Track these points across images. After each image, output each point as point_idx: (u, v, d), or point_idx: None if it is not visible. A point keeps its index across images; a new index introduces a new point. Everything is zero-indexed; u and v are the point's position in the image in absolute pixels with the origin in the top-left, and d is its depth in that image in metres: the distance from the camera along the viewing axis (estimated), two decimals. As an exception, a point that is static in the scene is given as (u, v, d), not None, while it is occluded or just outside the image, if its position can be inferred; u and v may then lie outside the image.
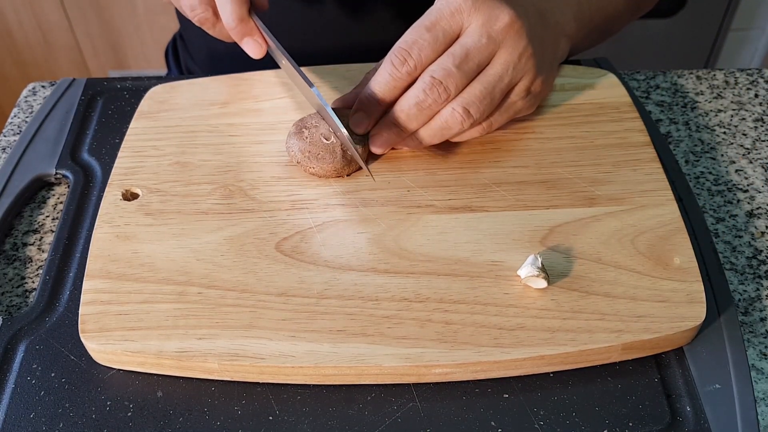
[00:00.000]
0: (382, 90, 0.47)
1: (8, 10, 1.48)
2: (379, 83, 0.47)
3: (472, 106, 0.47)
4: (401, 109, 0.47)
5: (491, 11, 0.47)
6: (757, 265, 0.49)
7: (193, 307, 0.43)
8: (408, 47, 0.46)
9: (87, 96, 0.61)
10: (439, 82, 0.46)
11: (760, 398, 0.42)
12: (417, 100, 0.46)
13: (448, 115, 0.47)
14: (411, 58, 0.46)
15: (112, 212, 0.49)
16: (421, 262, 0.45)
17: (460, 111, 0.47)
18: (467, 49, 0.46)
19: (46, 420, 0.41)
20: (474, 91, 0.47)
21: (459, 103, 0.47)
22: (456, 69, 0.46)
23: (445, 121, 0.47)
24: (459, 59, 0.46)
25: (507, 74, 0.47)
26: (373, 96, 0.48)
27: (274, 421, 0.40)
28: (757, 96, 0.62)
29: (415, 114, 0.47)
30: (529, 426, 0.40)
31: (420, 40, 0.46)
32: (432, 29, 0.46)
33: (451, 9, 0.46)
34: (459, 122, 0.47)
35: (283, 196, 0.49)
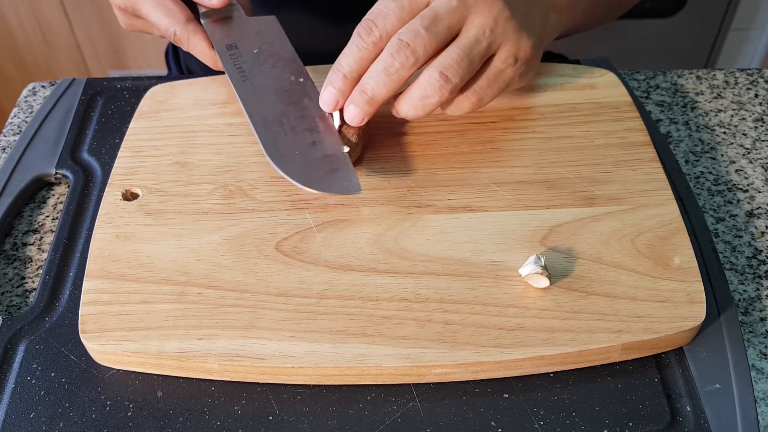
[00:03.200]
0: (349, 62, 0.46)
1: (8, 10, 1.48)
2: (346, 55, 0.46)
3: (449, 70, 0.45)
4: (370, 75, 0.46)
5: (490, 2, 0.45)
6: (757, 265, 0.49)
7: (193, 308, 0.43)
8: (373, 17, 0.45)
9: (87, 96, 0.61)
10: (407, 44, 0.44)
11: (760, 398, 0.42)
12: (385, 65, 0.45)
13: (425, 82, 0.45)
14: (376, 27, 0.45)
15: (112, 212, 0.49)
16: (421, 262, 0.45)
17: (437, 76, 0.45)
18: (436, 12, 0.45)
19: (46, 420, 0.41)
20: (450, 54, 0.45)
21: (435, 68, 0.45)
22: (424, 30, 0.44)
23: (423, 88, 0.45)
24: (428, 21, 0.44)
25: (484, 37, 0.46)
26: (341, 69, 0.46)
27: (274, 421, 0.40)
28: (757, 96, 0.62)
29: (384, 80, 0.45)
30: (529, 426, 0.40)
31: (385, 9, 0.45)
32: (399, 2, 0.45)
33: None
34: (438, 88, 0.45)
35: (283, 196, 0.49)
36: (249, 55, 0.52)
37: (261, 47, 0.52)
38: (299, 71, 0.51)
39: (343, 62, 0.46)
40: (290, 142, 0.47)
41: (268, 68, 0.51)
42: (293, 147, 0.47)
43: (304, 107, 0.49)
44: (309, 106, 0.49)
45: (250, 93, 0.49)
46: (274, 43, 0.53)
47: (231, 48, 0.52)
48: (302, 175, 0.45)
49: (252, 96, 0.49)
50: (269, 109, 0.49)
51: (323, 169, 0.46)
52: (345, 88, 0.47)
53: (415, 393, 0.41)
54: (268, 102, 0.49)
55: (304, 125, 0.48)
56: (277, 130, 0.47)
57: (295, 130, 0.48)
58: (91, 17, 1.51)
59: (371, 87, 0.46)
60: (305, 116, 0.48)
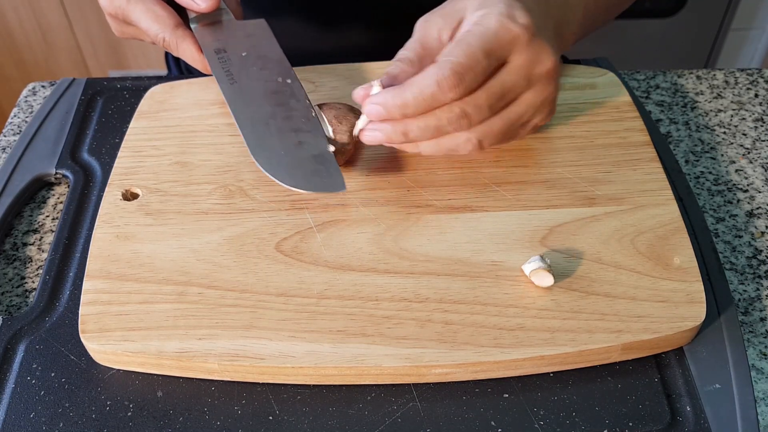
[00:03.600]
0: (417, 105, 0.43)
1: (8, 10, 1.48)
2: (416, 97, 0.43)
3: (487, 139, 0.46)
4: (418, 125, 0.44)
5: (539, 52, 0.45)
6: (757, 265, 0.49)
7: (193, 308, 0.43)
8: (464, 71, 0.42)
9: (87, 96, 0.61)
10: (468, 116, 0.44)
11: (760, 398, 0.42)
12: (438, 124, 0.44)
13: (461, 142, 0.46)
14: (463, 84, 0.42)
15: (112, 212, 0.49)
16: (420, 262, 0.45)
17: (475, 142, 0.46)
18: (504, 90, 0.44)
19: (46, 420, 0.41)
20: (493, 126, 0.46)
21: (476, 135, 0.45)
22: (488, 108, 0.44)
23: (456, 144, 0.46)
24: (494, 99, 0.44)
25: (526, 114, 0.47)
26: (405, 105, 0.43)
27: (274, 421, 0.40)
28: (757, 96, 0.62)
29: (429, 135, 0.45)
30: (529, 426, 0.40)
31: (476, 66, 0.43)
32: (489, 56, 0.43)
33: (509, 38, 0.44)
34: (468, 150, 0.46)
35: (283, 196, 0.49)
36: (237, 59, 0.52)
37: (249, 50, 0.52)
38: (287, 73, 0.51)
39: (410, 100, 0.43)
40: (276, 143, 0.47)
41: (256, 71, 0.51)
42: (279, 147, 0.47)
43: (291, 108, 0.49)
44: (296, 107, 0.49)
45: (237, 96, 0.50)
46: (262, 45, 0.53)
47: (220, 52, 0.52)
48: (287, 175, 0.45)
49: (239, 98, 0.49)
50: (256, 111, 0.49)
51: (308, 169, 0.46)
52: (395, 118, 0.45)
53: (415, 393, 0.41)
54: (255, 104, 0.49)
55: (291, 126, 0.48)
56: (263, 131, 0.48)
57: (281, 131, 0.48)
58: (91, 17, 1.51)
59: (414, 135, 0.45)
60: (292, 117, 0.48)
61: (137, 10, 0.51)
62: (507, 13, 0.44)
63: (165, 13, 0.51)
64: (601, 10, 0.59)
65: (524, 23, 0.44)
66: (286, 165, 0.46)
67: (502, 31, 0.43)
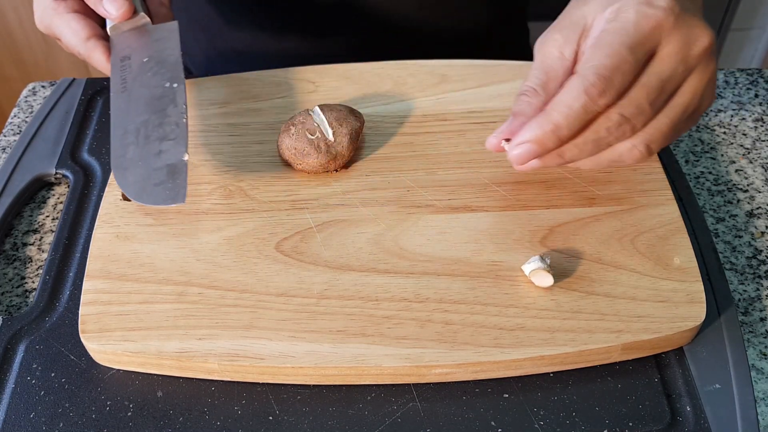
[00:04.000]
0: (570, 124, 0.39)
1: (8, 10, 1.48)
2: (567, 116, 0.39)
3: (656, 142, 0.41)
4: (576, 144, 0.41)
5: (690, 31, 0.40)
6: (757, 265, 0.49)
7: (193, 308, 0.43)
8: (610, 73, 0.38)
9: (87, 96, 0.61)
10: (628, 120, 0.39)
11: (760, 398, 0.42)
12: (596, 136, 0.40)
13: (625, 151, 0.41)
14: (613, 87, 0.38)
15: (112, 212, 0.49)
16: (420, 262, 0.45)
17: (642, 149, 0.41)
18: (663, 81, 0.40)
19: (46, 420, 0.41)
20: (660, 126, 0.41)
21: (642, 140, 0.41)
22: (649, 106, 0.40)
23: (619, 155, 0.42)
24: (654, 94, 0.39)
25: (693, 102, 0.41)
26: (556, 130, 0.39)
27: (274, 421, 0.40)
28: (757, 96, 0.62)
29: (590, 150, 0.41)
30: (529, 426, 0.40)
31: (623, 64, 0.39)
32: (635, 50, 0.39)
33: (652, 25, 0.39)
34: (636, 159, 0.41)
35: (283, 196, 0.49)
36: (137, 65, 0.51)
37: (152, 55, 0.51)
38: (176, 77, 0.49)
39: (561, 120, 0.39)
40: (138, 153, 0.46)
41: (149, 77, 0.50)
42: (139, 158, 0.45)
43: (167, 115, 0.47)
44: (171, 113, 0.47)
45: (122, 104, 0.49)
46: (165, 50, 0.52)
47: (125, 59, 0.51)
48: (135, 188, 0.44)
49: (123, 107, 0.48)
50: (133, 120, 0.47)
51: (155, 180, 0.44)
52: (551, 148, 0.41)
53: (415, 393, 0.41)
54: (135, 112, 0.48)
55: (159, 134, 0.46)
56: (131, 141, 0.46)
57: (148, 140, 0.46)
58: (91, 17, 1.51)
59: (573, 155, 0.41)
60: (164, 124, 0.47)
61: (59, 25, 0.52)
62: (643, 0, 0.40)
63: (79, 25, 0.51)
64: None
65: (665, 5, 0.39)
66: (138, 177, 0.45)
67: (643, 21, 0.39)
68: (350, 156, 0.50)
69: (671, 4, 0.40)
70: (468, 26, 0.73)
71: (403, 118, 0.54)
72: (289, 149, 0.50)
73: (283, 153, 0.50)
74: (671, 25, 0.40)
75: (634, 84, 0.40)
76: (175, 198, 0.43)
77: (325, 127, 0.50)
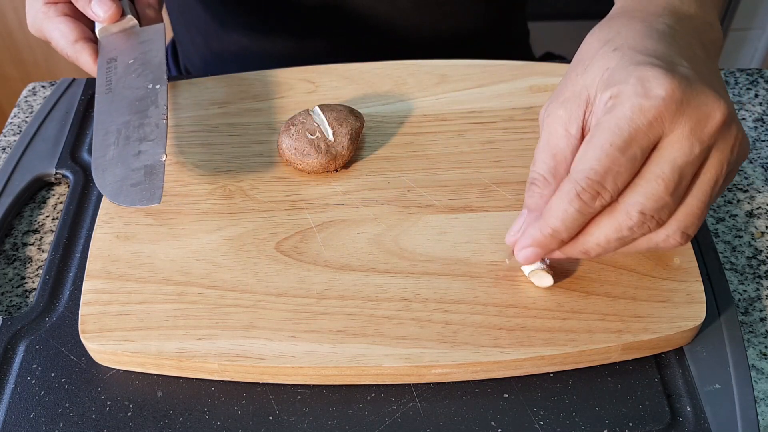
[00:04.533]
0: (567, 226, 0.38)
1: (8, 10, 1.48)
2: (564, 220, 0.38)
3: (690, 228, 0.38)
4: (597, 243, 0.38)
5: (700, 111, 0.36)
6: (757, 265, 0.49)
7: (193, 308, 0.43)
8: (601, 178, 0.36)
9: (87, 96, 0.61)
10: (651, 216, 0.37)
11: (760, 398, 0.42)
12: (620, 236, 0.38)
13: (660, 241, 0.38)
14: (606, 190, 0.36)
15: (112, 212, 0.49)
16: (420, 262, 0.45)
17: (678, 238, 0.38)
18: (679, 168, 0.36)
19: (46, 420, 0.41)
20: (691, 210, 0.37)
21: (675, 229, 0.38)
22: (669, 197, 0.36)
23: (654, 244, 0.39)
24: (673, 184, 0.36)
25: (722, 175, 0.37)
26: (555, 233, 0.38)
27: (274, 421, 0.40)
28: (757, 96, 0.62)
29: (614, 246, 0.38)
30: (529, 426, 0.40)
31: (615, 167, 0.36)
32: (627, 150, 0.36)
33: (649, 119, 0.36)
34: (674, 246, 0.39)
35: (283, 196, 0.49)
36: (123, 67, 0.51)
37: (137, 57, 0.52)
38: (159, 78, 0.50)
39: (558, 225, 0.38)
40: (118, 154, 0.46)
41: (133, 78, 0.50)
42: (118, 158, 0.45)
43: (148, 116, 0.47)
44: (152, 114, 0.47)
45: (105, 105, 0.49)
46: (150, 51, 0.52)
47: (111, 61, 0.52)
48: (112, 189, 0.44)
49: (106, 108, 0.49)
50: (115, 120, 0.48)
51: (132, 180, 0.44)
52: (555, 248, 0.39)
53: (415, 393, 0.41)
54: (117, 113, 0.48)
55: (139, 135, 0.46)
56: (112, 141, 0.46)
57: (128, 140, 0.46)
58: (91, 17, 1.51)
59: (596, 251, 0.39)
60: (144, 125, 0.47)
61: (49, 28, 0.52)
62: (640, 91, 0.36)
63: (68, 27, 0.52)
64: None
65: (664, 93, 0.36)
66: (116, 177, 0.45)
67: (638, 116, 0.36)
68: (350, 156, 0.50)
69: (671, 90, 0.36)
70: (468, 26, 0.73)
71: (403, 118, 0.54)
72: (289, 149, 0.50)
73: (283, 153, 0.50)
74: (674, 112, 0.36)
75: (645, 177, 0.37)
76: (150, 198, 0.43)
77: (325, 127, 0.50)
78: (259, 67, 0.59)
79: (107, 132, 0.47)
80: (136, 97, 0.49)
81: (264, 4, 0.69)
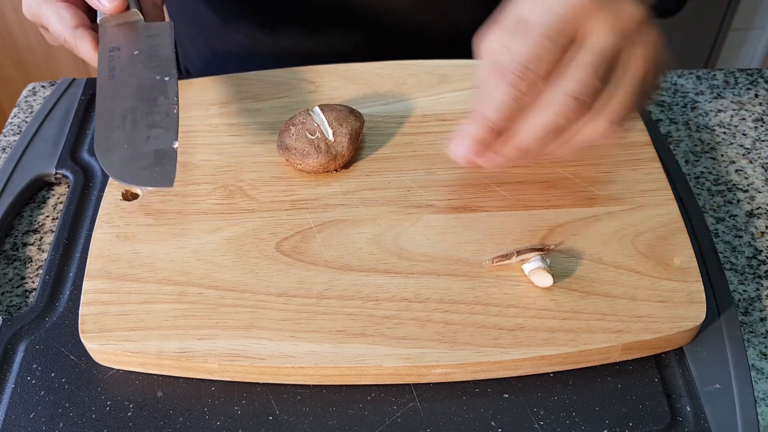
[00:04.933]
0: (498, 113, 0.40)
1: (8, 10, 1.48)
2: (491, 105, 0.40)
3: (618, 115, 0.41)
4: (529, 133, 0.41)
5: (620, 7, 0.40)
6: (757, 265, 0.49)
7: (193, 308, 0.43)
8: (530, 64, 0.39)
9: (87, 96, 0.61)
10: (583, 101, 0.39)
11: (760, 398, 0.42)
12: (554, 125, 0.40)
13: (592, 132, 0.41)
14: (533, 73, 0.39)
15: (112, 212, 0.49)
16: (420, 262, 0.45)
17: (606, 125, 0.41)
18: (603, 55, 0.39)
19: (46, 420, 0.41)
20: (619, 99, 0.40)
21: (607, 117, 0.40)
22: (599, 82, 0.39)
23: (587, 137, 0.41)
24: (600, 69, 0.39)
25: (648, 70, 0.41)
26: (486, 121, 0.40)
27: (274, 421, 0.40)
28: (757, 96, 0.62)
29: (548, 137, 0.41)
30: (529, 426, 0.40)
31: (542, 52, 0.39)
32: (555, 38, 0.39)
33: (572, 12, 0.39)
34: (606, 135, 0.41)
35: (283, 196, 0.49)
36: (127, 56, 0.50)
37: (143, 49, 0.51)
38: (168, 72, 0.49)
39: (489, 113, 0.40)
40: (124, 137, 0.45)
41: (140, 68, 0.49)
42: (125, 141, 0.45)
43: (157, 105, 0.47)
44: (162, 104, 0.47)
45: (108, 90, 0.48)
46: (157, 45, 0.51)
47: (114, 50, 0.51)
48: (119, 169, 0.43)
49: (109, 92, 0.48)
50: (120, 106, 0.47)
51: (144, 163, 0.44)
52: (491, 140, 0.41)
53: (415, 393, 0.41)
54: (122, 99, 0.47)
55: (148, 122, 0.46)
56: (117, 125, 0.46)
57: (136, 126, 0.46)
58: (91, 17, 1.51)
59: (529, 144, 0.41)
60: (153, 113, 0.46)
61: (47, 12, 0.51)
62: None
63: (68, 13, 0.51)
64: None
65: None
66: (122, 158, 0.44)
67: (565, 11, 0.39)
68: (350, 156, 0.50)
69: None
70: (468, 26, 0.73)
71: (403, 118, 0.54)
72: (289, 149, 0.50)
73: (284, 153, 0.50)
74: (597, 7, 0.40)
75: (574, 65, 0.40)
76: (162, 181, 0.42)
77: (325, 127, 0.50)
78: (259, 67, 0.59)
79: (111, 115, 0.46)
80: (143, 86, 0.48)
81: (267, 2, 0.69)
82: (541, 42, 0.39)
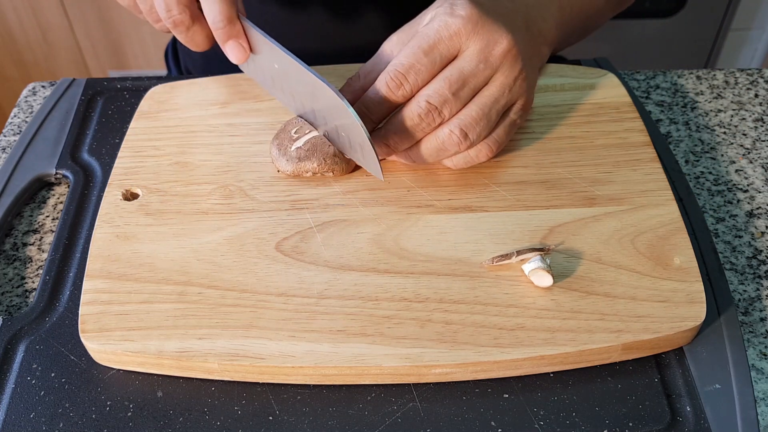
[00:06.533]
0: (377, 109, 0.47)
1: (8, 10, 1.48)
2: (369, 104, 0.47)
3: (470, 128, 0.46)
4: (394, 130, 0.47)
5: (490, 35, 0.46)
6: (757, 265, 0.49)
7: (193, 307, 0.43)
8: (405, 71, 0.46)
9: (87, 96, 0.61)
10: (435, 107, 0.45)
11: (760, 398, 0.42)
12: (411, 123, 0.46)
13: (445, 137, 0.47)
14: (407, 82, 0.46)
15: (112, 212, 0.49)
16: (421, 262, 0.45)
17: (458, 133, 0.46)
18: (464, 76, 0.46)
19: (46, 420, 0.41)
20: (470, 113, 0.46)
21: (456, 125, 0.46)
22: (452, 96, 0.45)
23: (441, 142, 0.47)
24: (456, 86, 0.46)
25: (503, 97, 0.47)
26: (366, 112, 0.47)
27: (274, 421, 0.40)
28: (757, 96, 0.62)
29: (408, 137, 0.47)
30: (529, 426, 0.40)
31: (417, 64, 0.45)
32: (429, 53, 0.46)
33: (450, 32, 0.46)
34: (456, 144, 0.47)
35: (283, 196, 0.49)
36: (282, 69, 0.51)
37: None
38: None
39: (370, 104, 0.47)
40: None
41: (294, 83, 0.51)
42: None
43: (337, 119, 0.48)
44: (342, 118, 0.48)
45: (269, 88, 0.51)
46: None
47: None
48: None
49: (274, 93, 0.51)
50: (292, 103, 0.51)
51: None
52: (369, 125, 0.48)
53: (415, 393, 0.41)
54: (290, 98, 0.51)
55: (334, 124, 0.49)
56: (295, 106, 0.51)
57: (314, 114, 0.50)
58: (91, 17, 1.51)
59: (394, 141, 0.48)
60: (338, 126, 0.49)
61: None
62: (448, 11, 0.46)
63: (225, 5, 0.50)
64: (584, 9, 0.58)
65: (464, 14, 0.46)
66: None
67: (441, 28, 0.46)
68: (349, 159, 0.50)
69: (470, 13, 0.46)
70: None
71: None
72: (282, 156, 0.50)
73: (276, 160, 0.50)
74: (470, 31, 0.46)
75: (437, 77, 0.46)
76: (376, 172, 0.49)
77: None
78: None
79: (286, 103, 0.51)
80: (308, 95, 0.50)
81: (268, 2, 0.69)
82: (416, 53, 0.46)
